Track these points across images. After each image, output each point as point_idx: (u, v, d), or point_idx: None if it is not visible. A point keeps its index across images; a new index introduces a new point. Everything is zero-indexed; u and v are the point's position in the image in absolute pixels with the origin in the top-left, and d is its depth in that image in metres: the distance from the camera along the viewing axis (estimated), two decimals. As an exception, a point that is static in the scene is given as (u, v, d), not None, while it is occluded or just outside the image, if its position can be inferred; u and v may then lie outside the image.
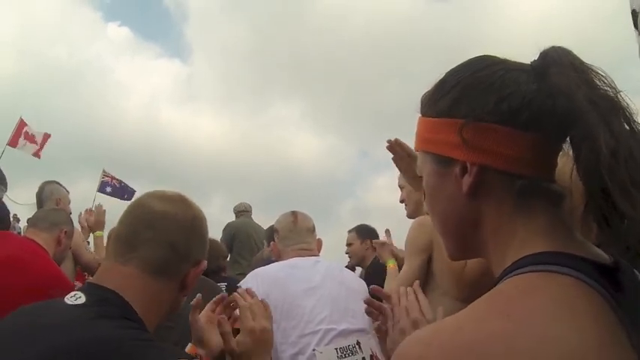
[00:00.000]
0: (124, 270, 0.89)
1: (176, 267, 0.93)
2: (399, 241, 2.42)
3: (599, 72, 0.53)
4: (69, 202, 3.16)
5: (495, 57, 0.59)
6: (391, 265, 2.28)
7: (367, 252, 3.53)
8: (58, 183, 3.19)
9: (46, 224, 2.15)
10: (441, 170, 0.59)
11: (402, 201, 2.14)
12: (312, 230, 1.91)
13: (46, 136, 9.34)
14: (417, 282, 1.25)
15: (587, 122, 0.49)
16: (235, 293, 1.19)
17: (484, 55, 0.60)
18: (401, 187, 2.14)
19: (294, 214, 1.90)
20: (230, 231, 5.00)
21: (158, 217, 0.94)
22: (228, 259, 4.92)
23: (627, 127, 0.49)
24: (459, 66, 0.60)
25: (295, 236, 1.84)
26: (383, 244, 2.46)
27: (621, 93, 0.52)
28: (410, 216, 2.10)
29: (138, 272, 0.89)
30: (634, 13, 1.46)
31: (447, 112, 0.57)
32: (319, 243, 1.93)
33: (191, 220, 0.98)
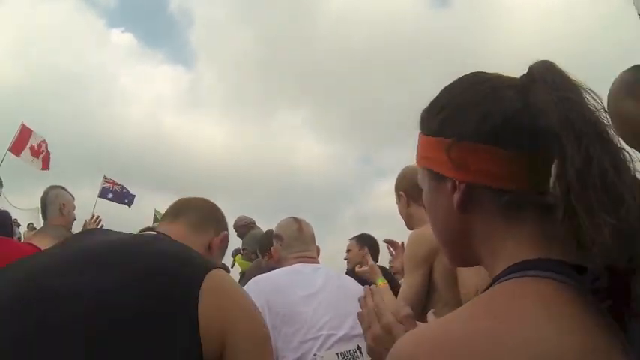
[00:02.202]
0: (171, 226, 1.26)
1: (207, 226, 1.30)
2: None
3: (583, 89, 0.54)
4: (74, 208, 3.04)
5: (485, 74, 0.61)
6: (381, 283, 2.30)
7: (364, 259, 3.55)
8: (63, 188, 3.08)
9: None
10: (436, 185, 0.62)
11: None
12: (314, 237, 1.93)
13: (44, 144, 9.29)
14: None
15: (560, 143, 0.50)
16: None
17: (474, 73, 0.62)
18: (397, 203, 2.20)
19: (297, 221, 1.92)
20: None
21: (191, 201, 1.37)
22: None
23: (605, 149, 0.49)
24: (450, 84, 0.63)
25: (300, 244, 1.86)
26: (370, 267, 2.38)
27: (602, 112, 0.52)
28: (409, 227, 2.15)
29: (183, 228, 1.25)
30: None
31: (437, 132, 0.61)
32: (318, 250, 1.94)
33: (212, 204, 1.40)
